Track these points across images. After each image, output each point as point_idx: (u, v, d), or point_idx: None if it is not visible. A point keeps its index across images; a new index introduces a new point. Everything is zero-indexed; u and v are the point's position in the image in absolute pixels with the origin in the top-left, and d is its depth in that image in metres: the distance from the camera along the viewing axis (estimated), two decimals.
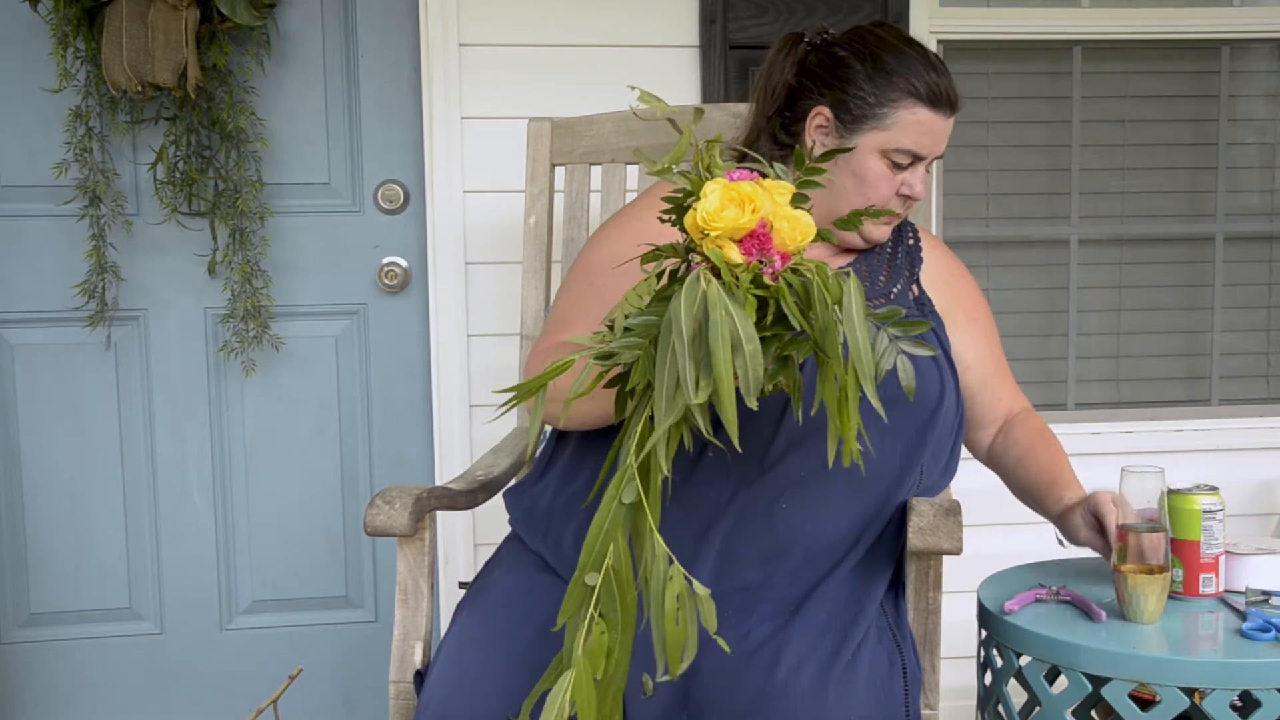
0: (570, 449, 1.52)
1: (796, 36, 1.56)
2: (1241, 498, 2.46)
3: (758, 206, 1.05)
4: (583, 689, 0.98)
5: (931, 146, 1.50)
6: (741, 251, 1.05)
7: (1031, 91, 2.58)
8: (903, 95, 1.47)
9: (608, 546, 1.00)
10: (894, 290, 1.56)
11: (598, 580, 0.99)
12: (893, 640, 1.32)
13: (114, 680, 2.44)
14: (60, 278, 2.32)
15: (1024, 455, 1.63)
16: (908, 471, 1.46)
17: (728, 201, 1.05)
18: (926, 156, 1.50)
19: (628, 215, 1.60)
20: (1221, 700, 1.41)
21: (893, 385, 1.45)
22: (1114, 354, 2.65)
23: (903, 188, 1.50)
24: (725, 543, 1.38)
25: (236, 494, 2.43)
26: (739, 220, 1.04)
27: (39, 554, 2.40)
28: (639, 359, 1.03)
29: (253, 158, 2.31)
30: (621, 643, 1.00)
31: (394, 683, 1.46)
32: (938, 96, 1.48)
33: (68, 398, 2.38)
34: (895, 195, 1.51)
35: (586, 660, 0.98)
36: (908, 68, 1.47)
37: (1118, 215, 2.63)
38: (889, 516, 1.45)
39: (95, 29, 2.19)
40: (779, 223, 1.06)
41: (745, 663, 1.27)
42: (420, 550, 1.49)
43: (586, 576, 0.99)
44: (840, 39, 1.53)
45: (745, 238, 1.05)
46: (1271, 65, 2.62)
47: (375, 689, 2.48)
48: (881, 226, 1.54)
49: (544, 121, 1.96)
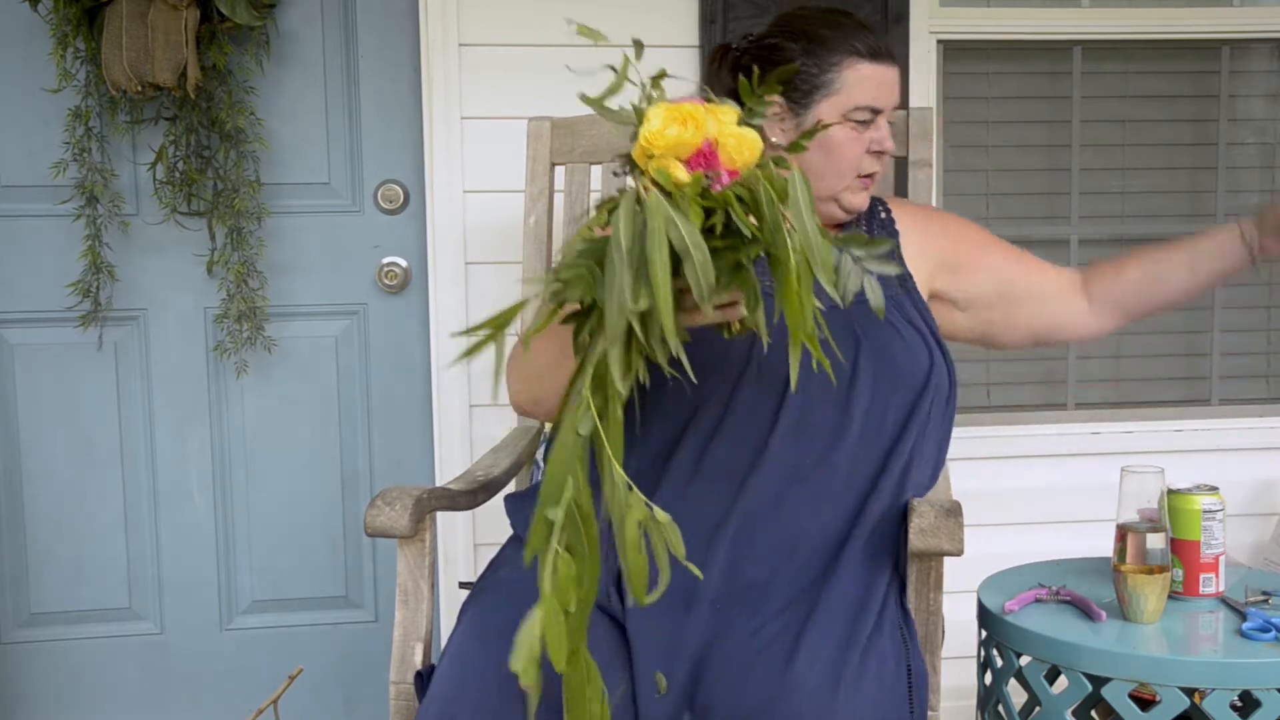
0: None
1: (724, 47, 1.59)
2: (1241, 498, 2.46)
3: (701, 124, 1.04)
4: (553, 623, 0.97)
5: (886, 98, 1.52)
6: (689, 169, 1.04)
7: (1031, 91, 2.58)
8: (844, 56, 1.50)
9: (565, 479, 0.99)
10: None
11: (559, 514, 0.98)
12: (901, 639, 1.32)
13: (114, 680, 2.44)
14: (60, 278, 2.32)
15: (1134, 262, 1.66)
16: (899, 451, 1.45)
17: (671, 120, 1.04)
18: (883, 108, 1.52)
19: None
20: (1221, 700, 1.41)
21: (885, 360, 1.43)
22: (1114, 354, 2.64)
23: (872, 145, 1.52)
24: (734, 542, 1.38)
25: (236, 494, 2.43)
26: (682, 137, 1.03)
27: (39, 554, 2.40)
28: (584, 280, 1.02)
29: (252, 158, 2.31)
30: (589, 573, 0.99)
31: (394, 683, 1.46)
32: (875, 50, 1.51)
33: (68, 398, 2.38)
34: (867, 154, 1.52)
35: (555, 595, 0.97)
36: (840, 31, 1.50)
37: (1118, 215, 2.62)
38: (888, 506, 1.44)
39: (95, 29, 2.19)
40: (725, 140, 1.05)
41: (753, 661, 1.27)
42: (420, 551, 1.49)
43: (547, 511, 0.98)
44: (767, 31, 1.56)
45: (691, 156, 1.04)
46: (1271, 65, 2.62)
47: (375, 689, 2.48)
48: (860, 193, 1.54)
49: (544, 121, 1.95)
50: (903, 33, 2.39)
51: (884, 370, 1.45)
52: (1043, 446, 2.49)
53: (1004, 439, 2.49)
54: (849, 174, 1.53)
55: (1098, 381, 2.64)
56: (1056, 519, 2.43)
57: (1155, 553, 1.53)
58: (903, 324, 1.51)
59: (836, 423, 1.43)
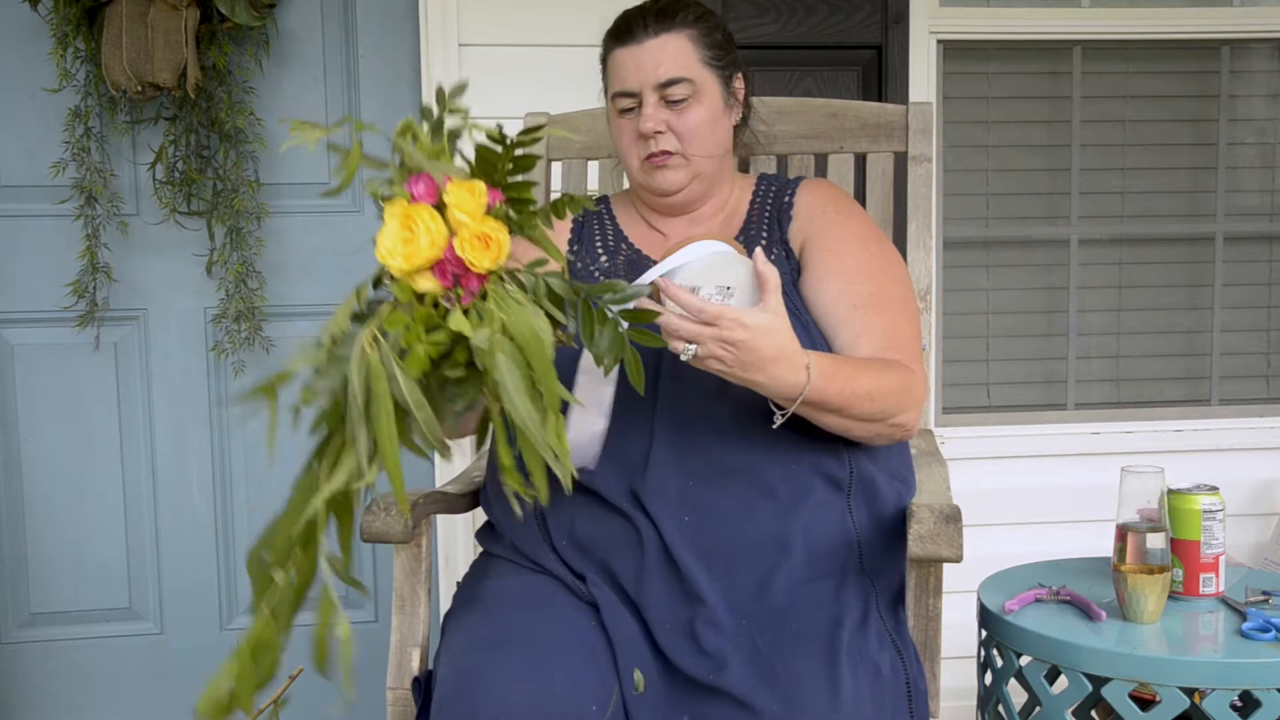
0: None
1: None
2: (1241, 498, 2.46)
3: (436, 234, 0.97)
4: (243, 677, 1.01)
5: (634, 79, 1.49)
6: (436, 276, 0.99)
7: (1031, 91, 2.58)
8: (605, 51, 1.53)
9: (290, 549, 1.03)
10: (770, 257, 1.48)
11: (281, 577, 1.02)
12: (894, 649, 1.30)
13: (114, 680, 2.44)
14: (59, 278, 2.32)
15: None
16: (818, 443, 1.39)
17: (403, 233, 0.97)
18: (635, 89, 1.49)
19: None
20: (1221, 700, 1.41)
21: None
22: (1114, 354, 2.64)
23: (639, 128, 1.50)
24: (656, 563, 1.34)
25: (236, 494, 2.43)
26: (419, 253, 0.97)
27: (39, 554, 2.40)
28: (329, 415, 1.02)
29: (251, 158, 2.31)
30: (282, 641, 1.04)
31: (391, 689, 1.45)
32: (620, 30, 1.51)
33: (68, 398, 2.38)
34: (640, 138, 1.51)
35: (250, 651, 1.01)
36: (609, 29, 1.52)
37: (1118, 215, 2.62)
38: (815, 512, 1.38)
39: (95, 29, 2.19)
40: (466, 246, 0.98)
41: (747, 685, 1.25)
42: (417, 556, 1.48)
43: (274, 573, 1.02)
44: None
45: (436, 266, 0.99)
46: (1271, 65, 2.62)
47: (375, 690, 2.47)
48: (656, 173, 1.52)
49: (540, 117, 1.95)
50: (903, 33, 2.39)
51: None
52: (1043, 446, 2.49)
53: (1004, 439, 2.49)
54: (632, 158, 1.53)
55: (1098, 381, 2.64)
56: (1056, 519, 2.43)
57: (1155, 553, 1.53)
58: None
59: (718, 429, 1.38)
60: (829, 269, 1.47)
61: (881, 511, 1.43)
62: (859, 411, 1.33)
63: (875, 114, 1.84)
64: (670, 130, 1.49)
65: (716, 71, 1.51)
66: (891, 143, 1.83)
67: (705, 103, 1.50)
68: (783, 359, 1.25)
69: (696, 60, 1.49)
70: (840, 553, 1.39)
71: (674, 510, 1.35)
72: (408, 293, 0.99)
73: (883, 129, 1.83)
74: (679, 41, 1.48)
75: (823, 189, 1.59)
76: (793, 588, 1.34)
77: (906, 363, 1.41)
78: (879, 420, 1.36)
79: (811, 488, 1.38)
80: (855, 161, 1.85)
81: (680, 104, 1.49)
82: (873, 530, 1.42)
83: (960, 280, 2.58)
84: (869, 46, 2.40)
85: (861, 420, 1.34)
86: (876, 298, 1.45)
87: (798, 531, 1.36)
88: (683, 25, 1.49)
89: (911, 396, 1.38)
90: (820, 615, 1.31)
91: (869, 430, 1.37)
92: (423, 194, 0.98)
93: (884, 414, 1.36)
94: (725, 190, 1.60)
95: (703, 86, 1.49)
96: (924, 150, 1.85)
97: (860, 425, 1.35)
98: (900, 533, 1.40)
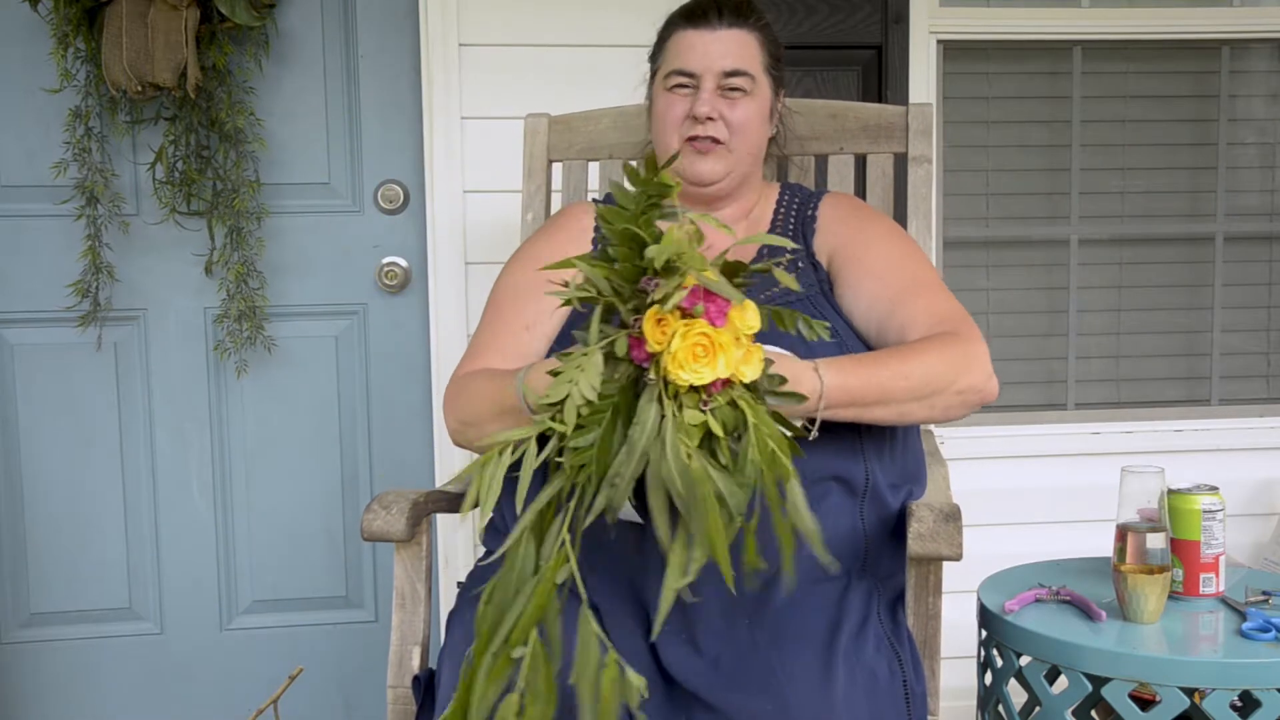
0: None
1: None
2: (1241, 498, 2.46)
3: (724, 356, 1.03)
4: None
5: (698, 61, 1.52)
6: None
7: (1031, 91, 2.58)
8: (668, 29, 1.57)
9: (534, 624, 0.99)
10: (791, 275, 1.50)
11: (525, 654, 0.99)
12: (892, 652, 1.30)
13: (114, 680, 2.44)
14: (60, 278, 2.32)
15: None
16: (835, 447, 1.39)
17: (695, 351, 1.03)
18: (696, 71, 1.52)
19: (532, 242, 1.65)
20: (1221, 700, 1.41)
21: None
22: (1114, 354, 2.65)
23: (692, 110, 1.52)
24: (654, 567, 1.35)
25: (237, 494, 2.43)
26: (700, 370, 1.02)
27: (39, 554, 2.40)
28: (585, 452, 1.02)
29: (251, 158, 2.31)
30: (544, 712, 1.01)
31: (392, 688, 1.45)
32: (693, 12, 1.53)
33: (68, 398, 2.38)
34: (687, 118, 1.53)
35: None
36: (678, 9, 1.56)
37: (1118, 215, 2.63)
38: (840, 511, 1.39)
39: (95, 29, 2.19)
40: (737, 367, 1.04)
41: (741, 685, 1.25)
42: (418, 555, 1.48)
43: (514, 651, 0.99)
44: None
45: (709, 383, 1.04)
46: (1271, 65, 2.62)
47: (375, 689, 2.48)
48: (693, 158, 1.54)
49: (541, 117, 1.95)
50: (903, 33, 2.39)
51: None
52: (1043, 446, 2.49)
53: (1004, 439, 2.49)
54: (672, 136, 1.54)
55: (1098, 381, 2.64)
56: (1056, 519, 2.43)
57: (1155, 553, 1.53)
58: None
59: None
60: (860, 273, 1.50)
61: (890, 514, 1.43)
62: (902, 392, 1.33)
63: (875, 115, 1.84)
64: (722, 119, 1.53)
65: (771, 78, 1.58)
66: (891, 144, 1.83)
67: (758, 102, 1.55)
68: (786, 365, 1.25)
69: (759, 61, 1.55)
70: (848, 556, 1.39)
71: None
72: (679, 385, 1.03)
73: (883, 130, 1.83)
74: (750, 38, 1.55)
75: (845, 202, 1.63)
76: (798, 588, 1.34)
77: (956, 329, 1.41)
78: (936, 394, 1.35)
79: (827, 492, 1.39)
80: (855, 162, 1.86)
81: (736, 97, 1.53)
82: (881, 533, 1.42)
83: (960, 280, 2.58)
84: (869, 46, 2.40)
85: (913, 400, 1.34)
86: (910, 285, 1.47)
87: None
88: (755, 26, 1.56)
89: (966, 360, 1.38)
90: (821, 618, 1.31)
91: (932, 408, 1.37)
92: (716, 315, 1.04)
93: (936, 387, 1.35)
94: (752, 195, 1.63)
95: (759, 86, 1.55)
96: (924, 151, 1.85)
97: (917, 406, 1.35)
98: (904, 535, 1.40)
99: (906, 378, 1.33)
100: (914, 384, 1.34)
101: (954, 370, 1.37)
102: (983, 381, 1.39)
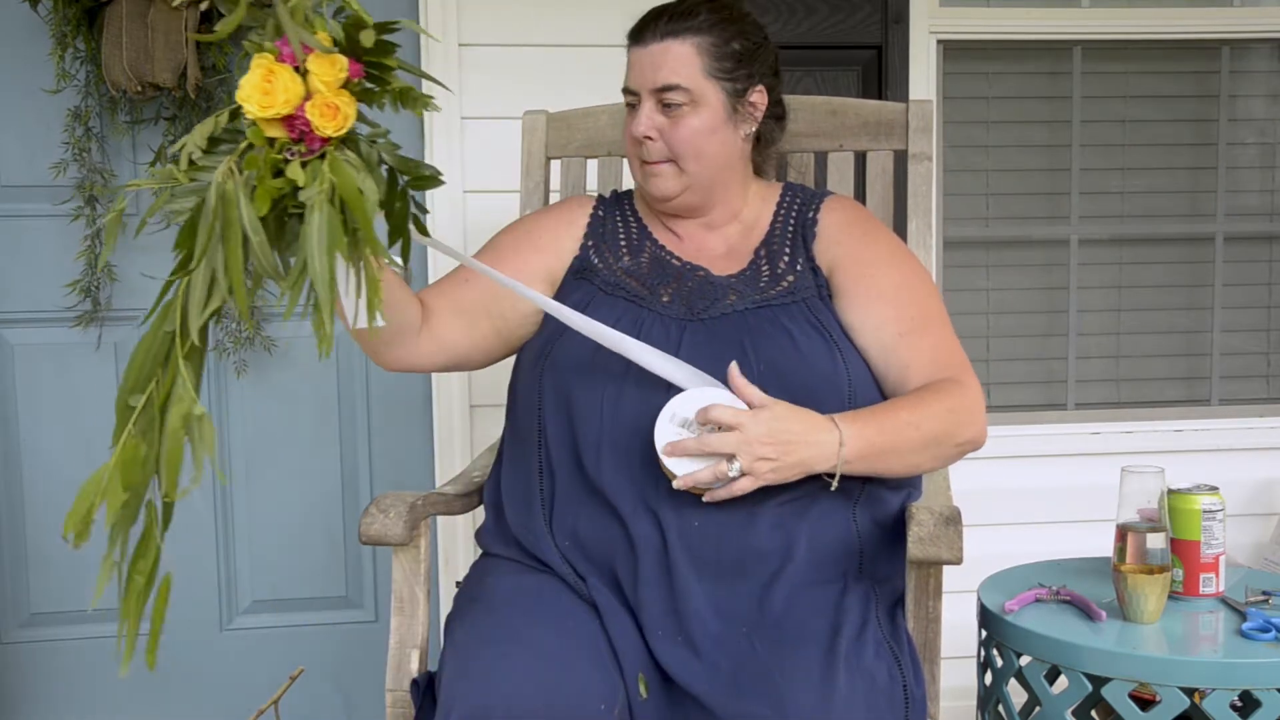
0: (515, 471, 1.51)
1: None
2: (1241, 498, 2.46)
3: (288, 92, 1.08)
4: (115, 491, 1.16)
5: (635, 78, 1.50)
6: (285, 128, 1.10)
7: (1031, 91, 2.58)
8: (627, 49, 1.53)
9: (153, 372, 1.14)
10: (788, 279, 1.50)
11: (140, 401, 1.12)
12: (891, 656, 1.30)
13: (114, 680, 2.43)
14: (60, 278, 2.32)
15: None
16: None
17: (259, 84, 1.09)
18: (637, 89, 1.50)
19: (524, 217, 1.70)
20: (1221, 700, 1.41)
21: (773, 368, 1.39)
22: (1114, 354, 2.64)
23: (633, 128, 1.51)
24: (659, 573, 1.35)
25: (237, 494, 2.43)
26: (270, 103, 1.08)
27: (39, 554, 2.40)
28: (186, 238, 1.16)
29: None
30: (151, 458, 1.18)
31: (390, 691, 1.45)
32: (635, 27, 1.51)
33: (67, 398, 2.38)
34: (635, 140, 1.52)
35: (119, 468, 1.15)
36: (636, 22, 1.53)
37: (1118, 215, 2.62)
38: (822, 519, 1.39)
39: (95, 29, 2.19)
40: (315, 111, 1.09)
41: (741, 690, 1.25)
42: (416, 558, 1.47)
43: (130, 398, 1.12)
44: None
45: (284, 119, 1.10)
46: (1271, 65, 2.62)
47: (375, 689, 2.47)
48: (651, 179, 1.52)
49: (539, 114, 1.94)
50: (903, 32, 2.39)
51: (771, 378, 1.38)
52: (1043, 446, 2.49)
53: (1004, 439, 2.48)
54: (633, 157, 1.54)
55: (1098, 381, 2.64)
56: (1056, 519, 2.43)
57: (1155, 553, 1.53)
58: (803, 327, 1.45)
59: None
60: (869, 294, 1.48)
61: (885, 517, 1.43)
62: (911, 442, 1.36)
63: (875, 112, 1.83)
64: (662, 138, 1.49)
65: (722, 83, 1.49)
66: (891, 141, 1.83)
67: (703, 114, 1.48)
68: (807, 418, 1.30)
69: (698, 70, 1.47)
70: (842, 560, 1.39)
71: (687, 514, 1.36)
72: (259, 136, 1.10)
73: (883, 127, 1.83)
74: (683, 49, 1.47)
75: (848, 208, 1.59)
76: (794, 593, 1.34)
77: (957, 377, 1.43)
78: (938, 445, 1.39)
79: (818, 496, 1.38)
80: (855, 160, 1.85)
81: (675, 112, 1.48)
82: (876, 536, 1.42)
83: (960, 280, 2.58)
84: (869, 46, 2.40)
85: (919, 449, 1.38)
86: (920, 319, 1.47)
87: (802, 538, 1.36)
88: (693, 33, 1.47)
89: (967, 414, 1.41)
90: (820, 622, 1.30)
91: (934, 457, 1.41)
92: (287, 56, 1.11)
93: (939, 438, 1.39)
94: (737, 200, 1.58)
95: (701, 97, 1.47)
96: (924, 148, 1.85)
97: (923, 456, 1.39)
98: (902, 537, 1.39)
99: (916, 427, 1.37)
100: (924, 434, 1.37)
101: (956, 423, 1.40)
102: (979, 434, 1.44)
